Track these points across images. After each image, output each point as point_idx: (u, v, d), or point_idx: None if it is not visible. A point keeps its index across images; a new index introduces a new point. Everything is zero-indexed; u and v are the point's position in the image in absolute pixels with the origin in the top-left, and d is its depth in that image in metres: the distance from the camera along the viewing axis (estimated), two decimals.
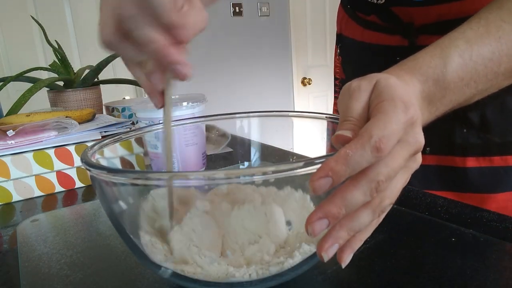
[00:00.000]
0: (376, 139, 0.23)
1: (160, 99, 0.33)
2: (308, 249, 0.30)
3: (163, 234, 0.32)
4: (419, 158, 0.28)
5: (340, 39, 0.71)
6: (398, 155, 0.25)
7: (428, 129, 0.34)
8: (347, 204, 0.24)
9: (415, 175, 0.28)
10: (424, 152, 0.58)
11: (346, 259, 0.27)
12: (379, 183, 0.24)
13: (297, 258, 0.30)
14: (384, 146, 0.23)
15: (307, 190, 0.34)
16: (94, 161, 0.32)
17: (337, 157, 0.23)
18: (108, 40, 0.29)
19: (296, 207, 0.34)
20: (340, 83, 0.73)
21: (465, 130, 0.55)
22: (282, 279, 0.30)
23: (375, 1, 0.57)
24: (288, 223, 0.32)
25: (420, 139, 0.26)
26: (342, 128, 0.26)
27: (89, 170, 0.28)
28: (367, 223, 0.25)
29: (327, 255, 0.25)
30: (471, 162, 0.55)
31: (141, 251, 0.32)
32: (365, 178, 0.24)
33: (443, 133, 0.56)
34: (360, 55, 0.65)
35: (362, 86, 0.28)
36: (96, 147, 0.35)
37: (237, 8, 2.48)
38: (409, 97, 0.27)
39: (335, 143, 0.26)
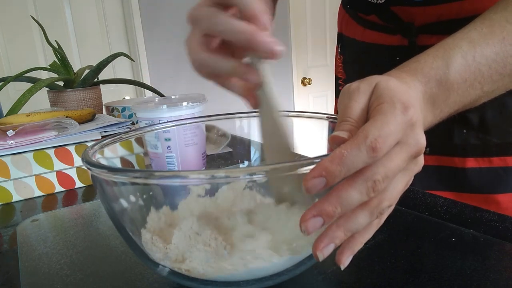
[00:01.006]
0: (372, 139, 0.23)
1: (254, 100, 0.34)
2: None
3: (164, 233, 0.33)
4: (421, 161, 0.27)
5: (341, 38, 0.71)
6: (396, 156, 0.25)
7: (427, 130, 0.34)
8: (342, 202, 0.24)
9: (415, 175, 0.28)
10: (424, 152, 0.58)
11: (345, 262, 0.26)
12: (376, 183, 0.24)
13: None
14: (380, 146, 0.23)
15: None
16: (95, 160, 0.32)
17: (332, 157, 0.23)
18: (202, 59, 0.32)
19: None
20: (341, 82, 0.73)
21: (464, 131, 0.55)
22: (279, 278, 0.30)
23: (375, 1, 0.57)
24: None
25: (421, 141, 0.26)
26: (339, 129, 0.26)
27: (90, 170, 0.28)
28: (364, 224, 0.25)
29: (322, 255, 0.25)
30: (471, 163, 0.55)
31: (140, 250, 0.32)
32: (362, 177, 0.24)
33: (442, 133, 0.56)
34: (360, 55, 0.65)
35: (362, 88, 0.28)
36: (96, 146, 0.35)
37: None
38: (409, 98, 0.26)
39: (331, 144, 0.26)
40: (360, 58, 0.66)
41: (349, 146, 0.23)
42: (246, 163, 0.50)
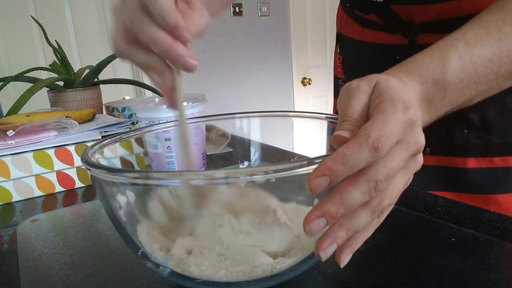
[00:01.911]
0: (374, 139, 0.23)
1: (171, 101, 0.35)
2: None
3: (165, 232, 0.33)
4: (420, 159, 0.27)
5: (340, 38, 0.71)
6: (397, 155, 0.25)
7: (428, 130, 0.34)
8: (345, 203, 0.24)
9: (415, 176, 0.28)
10: (424, 152, 0.58)
11: (345, 260, 0.27)
12: (378, 183, 0.24)
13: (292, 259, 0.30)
14: (382, 145, 0.23)
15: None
16: (94, 161, 0.32)
17: (335, 157, 0.23)
18: (120, 49, 0.32)
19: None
20: (340, 82, 0.73)
21: (465, 131, 0.55)
22: (280, 279, 0.30)
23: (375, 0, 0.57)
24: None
25: (420, 140, 0.26)
26: (341, 128, 0.26)
27: (90, 170, 0.28)
28: (366, 223, 0.25)
29: (325, 255, 0.25)
30: (472, 163, 0.55)
31: (140, 250, 0.32)
32: (364, 178, 0.24)
33: (443, 133, 0.56)
34: (359, 54, 0.65)
35: (362, 87, 0.28)
36: (96, 147, 0.35)
37: (237, 8, 2.48)
38: (409, 98, 0.27)
39: (333, 143, 0.26)
40: (359, 58, 0.66)
41: (352, 145, 0.23)
42: (246, 163, 0.50)
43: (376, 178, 0.24)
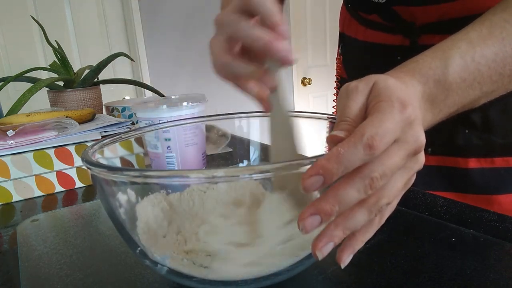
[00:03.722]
0: (368, 137, 0.23)
1: (267, 106, 0.36)
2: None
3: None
4: (421, 159, 0.27)
5: (342, 38, 0.71)
6: (394, 153, 0.25)
7: (430, 130, 0.34)
8: (340, 200, 0.24)
9: (417, 176, 0.28)
10: (426, 152, 0.58)
11: (345, 260, 0.26)
12: (373, 180, 0.24)
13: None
14: (376, 143, 0.23)
15: None
16: (95, 160, 0.32)
17: (329, 156, 0.23)
18: (224, 63, 0.34)
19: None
20: (341, 82, 0.73)
21: (467, 131, 0.55)
22: (277, 278, 0.30)
23: (377, 0, 0.57)
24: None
25: (421, 138, 0.26)
26: (338, 129, 0.26)
27: (90, 169, 0.28)
28: (363, 222, 0.25)
29: (321, 254, 0.25)
30: (473, 163, 0.55)
31: (140, 249, 0.32)
32: (359, 175, 0.24)
33: (445, 133, 0.56)
34: (361, 55, 0.65)
35: (360, 87, 0.28)
36: (96, 146, 0.35)
37: None
38: (408, 96, 0.26)
39: (329, 144, 0.26)
40: (361, 58, 0.66)
41: (346, 144, 0.23)
42: (245, 162, 0.50)
43: (371, 176, 0.24)
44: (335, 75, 0.75)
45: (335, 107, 0.76)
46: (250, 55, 0.35)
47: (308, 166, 0.24)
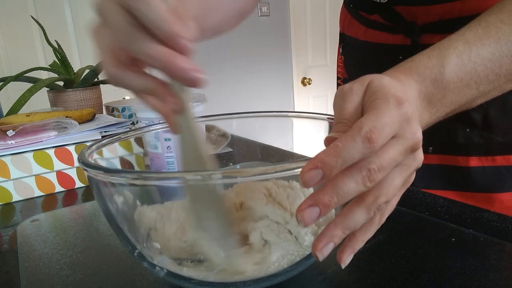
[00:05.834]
0: (367, 129, 0.23)
1: (174, 127, 0.30)
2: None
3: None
4: (419, 157, 0.27)
5: (343, 38, 0.71)
6: (392, 148, 0.25)
7: (430, 129, 0.34)
8: (338, 192, 0.24)
9: (418, 175, 0.28)
10: (426, 151, 0.58)
11: (346, 260, 0.26)
12: (371, 171, 0.24)
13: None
14: (375, 136, 0.23)
15: None
16: (92, 161, 0.32)
17: (327, 149, 0.23)
18: (113, 74, 0.28)
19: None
20: (342, 82, 0.73)
21: (468, 130, 0.55)
22: (276, 279, 0.30)
23: (378, 0, 0.57)
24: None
25: (417, 134, 0.26)
26: (335, 131, 0.26)
27: (86, 170, 0.28)
28: (362, 222, 0.25)
29: (322, 255, 0.25)
30: (474, 162, 0.55)
31: (138, 251, 0.32)
32: (356, 167, 0.24)
33: (445, 132, 0.56)
34: (362, 55, 0.65)
35: (354, 88, 0.28)
36: (93, 147, 0.34)
37: None
38: (404, 94, 0.27)
39: (326, 145, 0.26)
40: (362, 58, 0.66)
41: (344, 138, 0.23)
42: (245, 163, 0.50)
43: (369, 167, 0.24)
44: (337, 75, 0.75)
45: None
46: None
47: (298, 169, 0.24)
